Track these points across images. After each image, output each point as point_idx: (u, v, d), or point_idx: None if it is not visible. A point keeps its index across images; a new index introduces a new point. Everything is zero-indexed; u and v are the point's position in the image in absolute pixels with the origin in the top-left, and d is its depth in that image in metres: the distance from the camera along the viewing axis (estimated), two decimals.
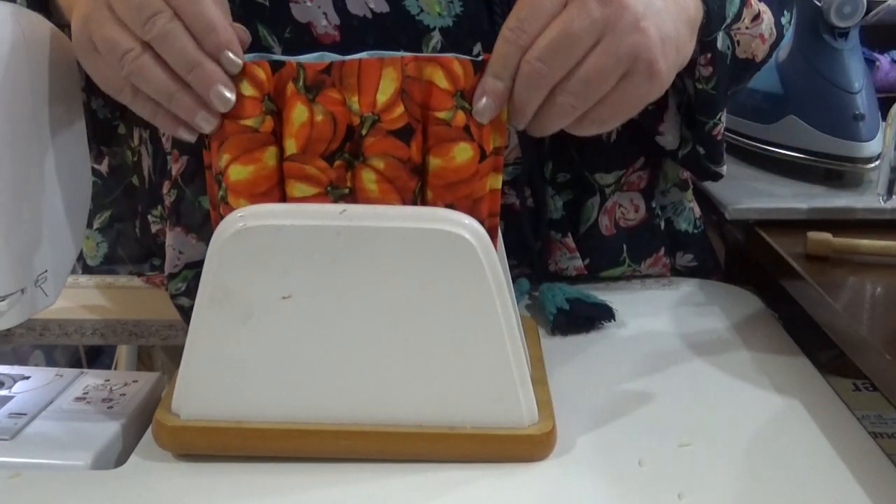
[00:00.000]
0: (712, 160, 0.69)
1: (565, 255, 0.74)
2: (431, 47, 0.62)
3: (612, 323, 0.69)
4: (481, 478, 0.50)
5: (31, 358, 1.51)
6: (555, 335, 0.68)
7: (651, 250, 0.76)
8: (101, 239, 0.83)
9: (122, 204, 0.81)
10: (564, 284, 0.71)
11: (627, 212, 0.74)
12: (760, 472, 0.51)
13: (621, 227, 0.75)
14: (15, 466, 0.51)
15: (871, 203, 0.79)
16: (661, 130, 0.68)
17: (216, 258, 0.49)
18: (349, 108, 0.51)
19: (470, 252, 0.49)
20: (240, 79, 0.50)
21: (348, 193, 0.51)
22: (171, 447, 0.52)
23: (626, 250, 0.75)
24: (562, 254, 0.73)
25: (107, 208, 0.82)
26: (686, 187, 0.78)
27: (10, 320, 0.52)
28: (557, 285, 0.70)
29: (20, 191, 0.52)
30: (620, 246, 0.75)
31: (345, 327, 0.50)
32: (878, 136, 0.83)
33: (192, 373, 0.51)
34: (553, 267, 0.74)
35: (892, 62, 2.46)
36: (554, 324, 0.68)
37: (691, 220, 0.78)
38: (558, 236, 0.73)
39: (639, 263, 0.76)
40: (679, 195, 0.78)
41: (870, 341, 0.57)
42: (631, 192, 0.75)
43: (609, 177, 0.73)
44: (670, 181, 0.77)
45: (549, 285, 0.71)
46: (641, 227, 0.75)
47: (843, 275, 0.68)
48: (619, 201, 0.74)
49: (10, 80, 0.50)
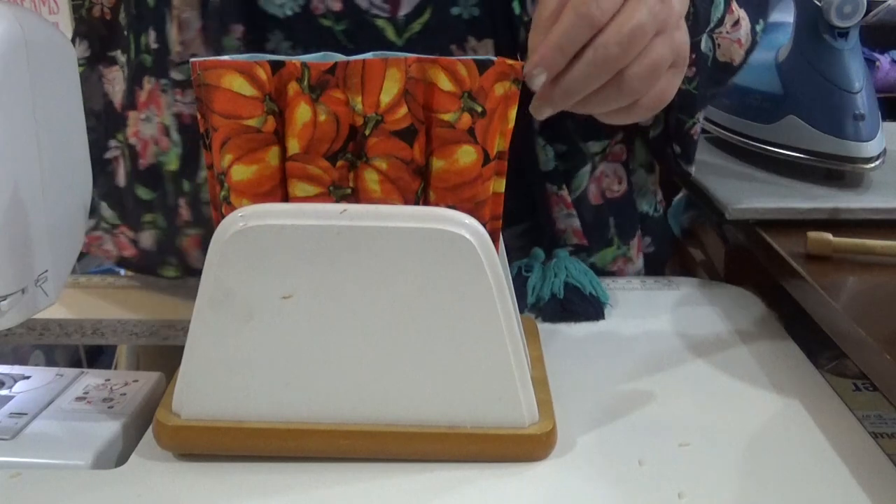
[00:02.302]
0: (685, 159, 0.72)
1: (563, 212, 0.74)
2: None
3: (609, 322, 0.69)
4: (481, 478, 0.50)
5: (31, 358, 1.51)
6: (537, 318, 0.69)
7: (633, 229, 0.78)
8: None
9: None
10: (576, 262, 0.72)
11: (612, 182, 0.76)
12: (760, 472, 0.51)
13: (607, 198, 0.76)
14: (15, 466, 0.51)
15: (871, 203, 0.79)
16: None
17: (216, 258, 0.49)
18: (352, 108, 0.51)
19: (470, 252, 0.49)
20: (240, 79, 0.50)
21: (351, 194, 0.52)
22: (171, 447, 0.52)
23: (614, 225, 0.76)
24: (559, 209, 0.74)
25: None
26: (652, 170, 0.80)
27: (10, 320, 0.52)
28: (566, 261, 0.71)
29: (20, 191, 0.52)
30: (608, 219, 0.76)
31: (345, 327, 0.50)
32: (879, 135, 0.83)
33: (193, 373, 0.51)
34: (552, 225, 0.75)
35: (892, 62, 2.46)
36: (543, 308, 0.69)
37: (652, 204, 0.81)
38: (554, 189, 0.73)
39: (626, 243, 0.77)
40: (644, 177, 0.79)
41: (870, 341, 0.57)
42: (615, 162, 0.76)
43: (597, 145, 0.74)
44: (638, 161, 0.79)
45: (559, 260, 0.72)
46: (623, 200, 0.77)
47: (843, 275, 0.69)
48: (605, 171, 0.75)
49: (10, 80, 0.50)
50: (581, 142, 0.73)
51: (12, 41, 0.50)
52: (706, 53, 0.66)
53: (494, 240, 0.51)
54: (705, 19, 0.63)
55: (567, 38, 0.50)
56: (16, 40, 0.51)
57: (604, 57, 0.50)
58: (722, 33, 0.67)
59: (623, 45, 0.50)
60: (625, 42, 0.50)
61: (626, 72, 0.51)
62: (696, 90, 0.66)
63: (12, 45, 0.50)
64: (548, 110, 0.53)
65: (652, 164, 0.80)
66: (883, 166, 0.83)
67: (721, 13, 0.66)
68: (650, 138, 0.72)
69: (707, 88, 0.69)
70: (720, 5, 0.65)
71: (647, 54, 0.51)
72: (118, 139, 0.74)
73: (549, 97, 0.52)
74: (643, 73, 0.51)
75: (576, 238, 0.75)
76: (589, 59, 0.50)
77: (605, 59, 0.50)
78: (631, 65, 0.51)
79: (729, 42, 0.68)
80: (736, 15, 0.68)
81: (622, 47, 0.50)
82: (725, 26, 0.67)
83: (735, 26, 0.68)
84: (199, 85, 0.50)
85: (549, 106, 0.53)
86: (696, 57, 0.65)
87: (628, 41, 0.50)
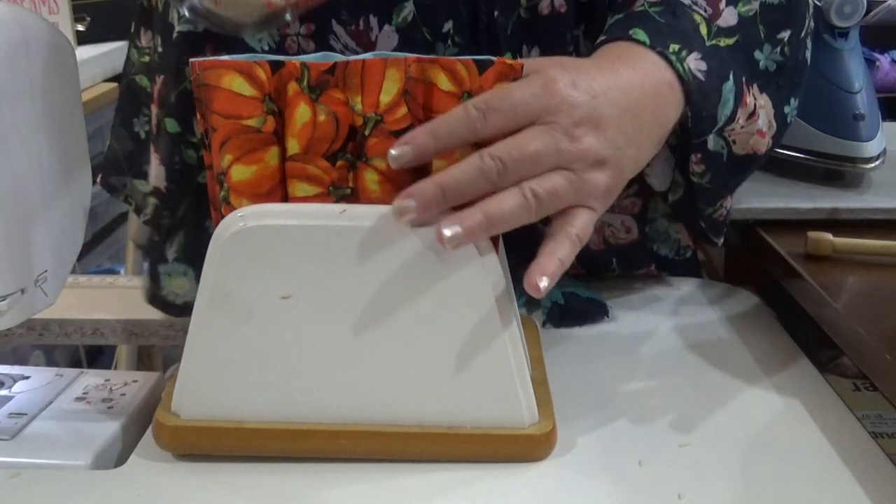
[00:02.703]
0: (713, 233, 0.69)
1: None
2: (402, 17, 0.62)
3: (608, 321, 0.69)
4: (481, 478, 0.50)
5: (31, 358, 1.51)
6: (546, 326, 0.68)
7: (641, 265, 0.76)
8: (184, 269, 0.68)
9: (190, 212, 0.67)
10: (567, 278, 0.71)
11: (618, 231, 0.74)
12: (760, 472, 0.51)
13: (611, 244, 0.74)
14: (15, 466, 0.51)
15: (871, 203, 0.79)
16: (646, 172, 0.66)
17: (216, 258, 0.49)
18: (352, 108, 0.51)
19: (470, 252, 0.49)
20: (240, 79, 0.50)
21: (350, 194, 0.51)
22: (171, 447, 0.52)
23: (616, 263, 0.75)
24: None
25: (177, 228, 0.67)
26: (677, 220, 0.77)
27: (10, 320, 0.52)
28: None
29: (20, 191, 0.52)
30: (610, 259, 0.75)
31: (344, 327, 0.50)
32: (879, 135, 0.83)
33: (193, 373, 0.51)
34: None
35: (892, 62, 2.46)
36: (548, 316, 0.68)
37: (675, 248, 0.78)
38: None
39: (631, 274, 0.76)
40: (665, 225, 0.77)
41: (870, 341, 0.57)
42: (623, 214, 0.74)
43: None
44: (659, 211, 0.76)
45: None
46: (632, 245, 0.75)
47: (843, 275, 0.68)
48: (608, 221, 0.74)
49: (11, 80, 0.50)
50: None
51: (12, 41, 0.50)
52: (717, 151, 0.63)
53: (494, 240, 0.51)
54: (710, 119, 0.61)
55: (445, 129, 0.50)
56: (16, 40, 0.51)
57: (479, 166, 0.49)
58: (735, 130, 0.63)
59: (505, 162, 0.49)
60: (506, 159, 0.49)
61: (526, 187, 0.50)
62: (709, 184, 0.64)
63: (12, 45, 0.50)
64: (411, 214, 0.49)
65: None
66: (883, 166, 0.82)
67: (731, 110, 0.62)
68: (670, 202, 0.68)
69: (727, 179, 0.65)
70: (728, 101, 0.61)
71: (545, 180, 0.50)
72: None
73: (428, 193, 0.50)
74: (541, 193, 0.50)
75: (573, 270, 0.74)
76: (471, 162, 0.50)
77: (481, 168, 0.49)
78: (527, 182, 0.50)
79: (746, 136, 0.63)
80: (750, 107, 0.64)
81: (503, 164, 0.49)
82: (738, 122, 0.63)
83: (751, 118, 0.64)
84: (198, 85, 0.50)
85: (419, 204, 0.49)
86: (704, 156, 0.62)
87: (511, 161, 0.49)
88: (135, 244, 1.21)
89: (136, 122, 0.72)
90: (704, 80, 0.59)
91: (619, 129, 0.53)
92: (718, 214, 0.67)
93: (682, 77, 0.58)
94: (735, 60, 0.63)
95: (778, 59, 0.66)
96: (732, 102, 0.62)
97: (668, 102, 0.58)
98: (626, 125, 0.54)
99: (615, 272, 0.76)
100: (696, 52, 0.59)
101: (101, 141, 0.94)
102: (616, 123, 0.53)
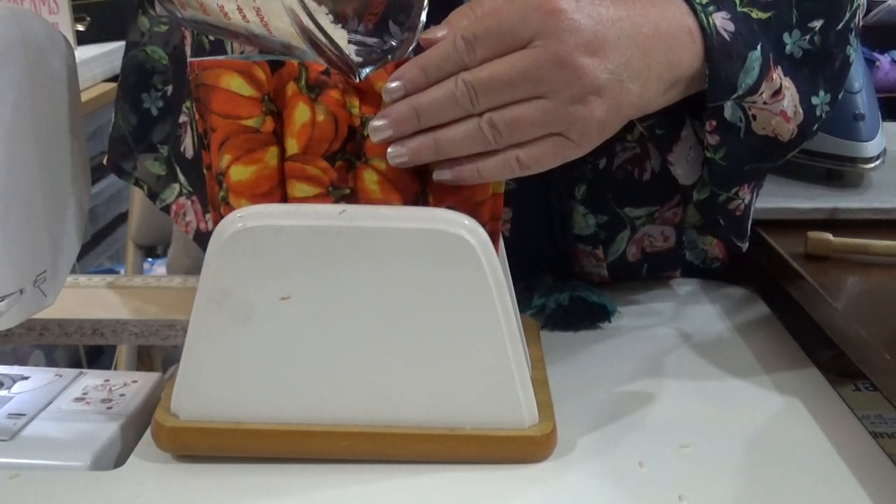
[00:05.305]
0: (735, 234, 0.66)
1: (592, 264, 0.73)
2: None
3: (608, 323, 0.69)
4: (481, 479, 0.50)
5: (31, 358, 1.51)
6: (546, 328, 0.68)
7: (667, 270, 0.76)
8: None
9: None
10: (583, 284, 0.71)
11: (656, 240, 0.73)
12: (761, 472, 0.51)
13: (647, 253, 0.74)
14: (14, 467, 0.51)
15: (871, 203, 0.79)
16: (670, 160, 0.64)
17: (215, 259, 0.49)
18: (349, 111, 0.50)
19: (470, 252, 0.49)
20: (239, 79, 0.50)
21: (350, 194, 0.51)
22: (170, 448, 0.52)
23: (647, 269, 0.75)
24: (589, 261, 0.73)
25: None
26: (705, 232, 0.76)
27: (10, 320, 0.52)
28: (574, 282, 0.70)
29: (19, 191, 0.52)
30: (642, 266, 0.74)
31: (344, 328, 0.50)
32: (879, 136, 0.83)
33: (192, 373, 0.51)
34: (577, 269, 0.73)
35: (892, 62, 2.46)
36: (550, 318, 0.68)
37: (700, 257, 0.77)
38: (588, 248, 0.72)
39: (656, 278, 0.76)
40: (695, 236, 0.76)
41: (870, 341, 0.56)
42: (664, 225, 0.73)
43: (639, 210, 0.71)
44: (690, 223, 0.74)
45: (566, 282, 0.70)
46: (666, 252, 0.74)
47: (843, 275, 0.68)
48: (649, 232, 0.72)
49: (10, 81, 0.50)
50: (618, 207, 0.70)
51: (11, 41, 0.50)
52: (734, 123, 0.59)
53: (494, 240, 0.51)
54: (729, 83, 0.57)
55: (434, 64, 0.49)
56: (15, 40, 0.51)
57: (452, 91, 0.49)
58: (756, 103, 0.58)
59: (477, 89, 0.48)
60: (479, 87, 0.48)
61: (485, 115, 0.49)
62: (723, 161, 0.60)
63: (11, 45, 0.50)
64: (387, 131, 0.50)
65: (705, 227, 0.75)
66: (883, 166, 0.82)
67: (754, 79, 0.57)
68: (695, 202, 0.65)
69: (744, 160, 0.61)
70: (753, 70, 0.57)
71: (513, 108, 0.49)
72: (187, 105, 0.72)
73: (404, 114, 0.50)
74: (497, 121, 0.49)
75: (600, 280, 0.73)
76: (446, 87, 0.49)
77: (454, 94, 0.49)
78: (493, 111, 0.49)
79: (768, 114, 0.59)
80: (777, 83, 0.59)
81: (475, 90, 0.48)
82: (762, 95, 0.58)
83: (775, 96, 0.59)
84: (197, 85, 0.50)
85: (392, 122, 0.50)
86: (719, 124, 0.58)
87: (483, 89, 0.49)
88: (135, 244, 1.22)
89: (145, 98, 0.71)
90: (729, 40, 0.56)
91: (623, 60, 0.50)
92: (734, 206, 0.64)
93: (704, 28, 0.55)
94: (766, 35, 0.59)
95: (805, 47, 0.62)
96: (757, 72, 0.58)
97: (685, 47, 0.54)
98: (632, 57, 0.51)
99: (640, 279, 0.75)
100: (724, 12, 0.56)
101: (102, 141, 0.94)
102: (620, 52, 0.50)
